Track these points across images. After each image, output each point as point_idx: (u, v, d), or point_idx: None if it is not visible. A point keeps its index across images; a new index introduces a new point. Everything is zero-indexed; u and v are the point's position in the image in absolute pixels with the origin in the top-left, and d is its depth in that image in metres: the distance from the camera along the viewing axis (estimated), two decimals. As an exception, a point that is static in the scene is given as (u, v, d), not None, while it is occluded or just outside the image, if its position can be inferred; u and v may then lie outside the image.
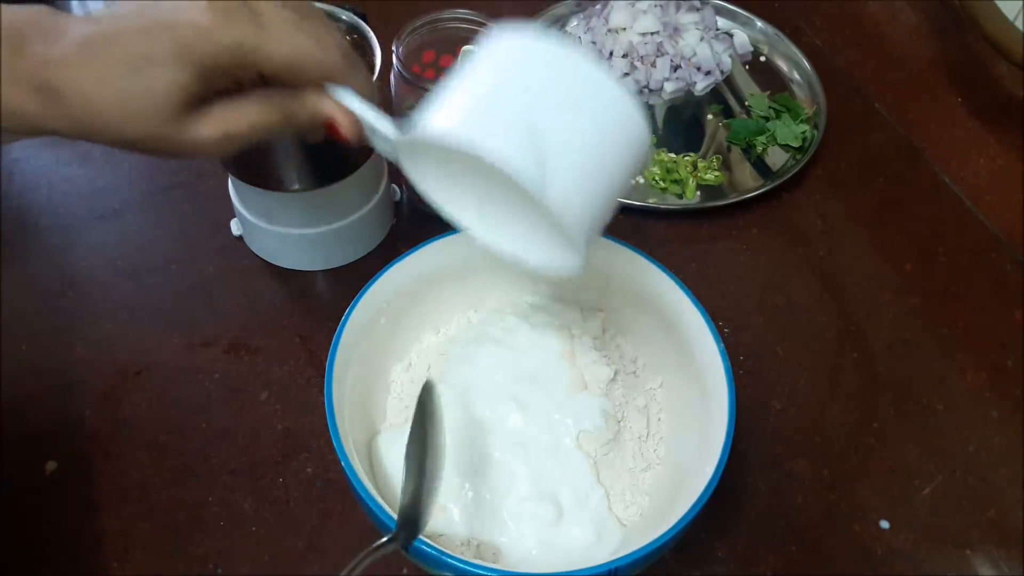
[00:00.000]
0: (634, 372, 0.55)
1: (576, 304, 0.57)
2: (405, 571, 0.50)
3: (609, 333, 0.57)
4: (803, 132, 0.74)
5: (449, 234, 0.54)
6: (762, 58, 0.83)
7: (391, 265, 0.52)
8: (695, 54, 0.79)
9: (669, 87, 0.78)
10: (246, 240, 0.66)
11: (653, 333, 0.54)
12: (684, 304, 0.50)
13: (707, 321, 0.49)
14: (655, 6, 0.80)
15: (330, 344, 0.48)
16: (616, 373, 0.53)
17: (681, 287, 0.51)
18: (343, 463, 0.43)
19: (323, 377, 0.46)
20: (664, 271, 0.52)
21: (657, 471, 0.51)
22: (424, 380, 0.43)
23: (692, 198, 0.70)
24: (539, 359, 0.52)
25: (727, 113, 0.77)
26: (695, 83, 0.79)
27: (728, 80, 0.80)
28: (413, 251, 0.53)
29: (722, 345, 0.48)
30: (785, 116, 0.75)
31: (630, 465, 0.50)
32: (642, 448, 0.51)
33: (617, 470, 0.50)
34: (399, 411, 0.53)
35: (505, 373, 0.51)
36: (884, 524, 0.53)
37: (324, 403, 0.45)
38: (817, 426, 0.58)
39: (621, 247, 0.53)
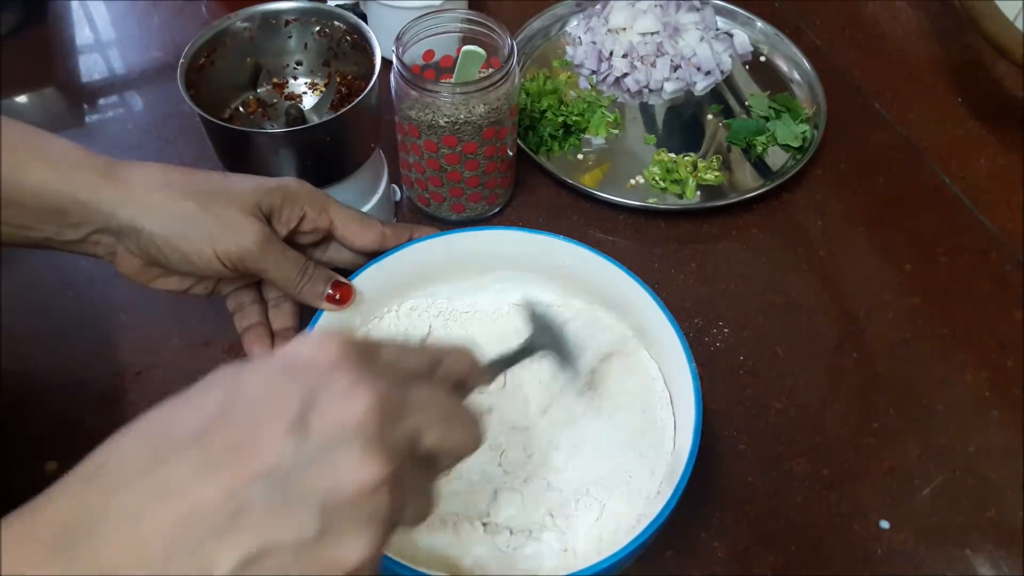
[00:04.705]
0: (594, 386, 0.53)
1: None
2: None
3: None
4: (803, 132, 0.74)
5: (424, 239, 0.54)
6: (762, 58, 0.83)
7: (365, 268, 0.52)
8: (695, 54, 0.79)
9: (669, 87, 0.78)
10: (246, 240, 0.65)
11: (623, 335, 0.54)
12: (649, 306, 0.49)
13: (675, 328, 0.48)
14: (655, 6, 0.80)
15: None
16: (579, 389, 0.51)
17: (646, 288, 0.50)
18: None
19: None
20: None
21: (623, 488, 0.48)
22: None
23: (692, 198, 0.70)
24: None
25: (727, 113, 0.77)
26: (695, 83, 0.79)
27: (728, 80, 0.80)
28: (388, 255, 0.53)
29: (690, 353, 0.47)
30: (785, 116, 0.75)
31: (594, 485, 0.48)
32: (613, 464, 0.49)
33: (586, 487, 0.48)
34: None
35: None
36: (884, 524, 0.53)
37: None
38: (817, 426, 0.58)
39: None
